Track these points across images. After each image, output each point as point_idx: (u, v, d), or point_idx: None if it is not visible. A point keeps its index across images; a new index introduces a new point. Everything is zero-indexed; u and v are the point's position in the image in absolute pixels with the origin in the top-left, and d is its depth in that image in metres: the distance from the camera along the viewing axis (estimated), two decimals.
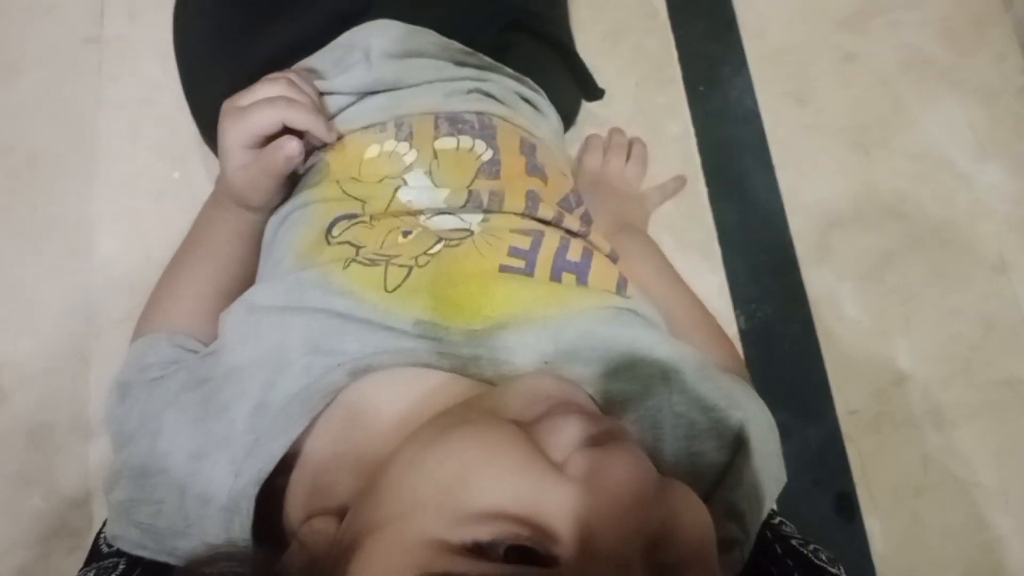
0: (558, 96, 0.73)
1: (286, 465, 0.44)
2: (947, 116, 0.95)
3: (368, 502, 0.36)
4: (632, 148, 0.88)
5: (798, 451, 0.83)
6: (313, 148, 0.59)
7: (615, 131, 0.90)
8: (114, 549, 0.50)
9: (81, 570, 0.49)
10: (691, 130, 0.94)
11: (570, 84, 0.75)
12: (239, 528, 0.42)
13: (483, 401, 0.42)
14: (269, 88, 0.55)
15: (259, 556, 0.41)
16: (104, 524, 0.52)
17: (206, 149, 0.84)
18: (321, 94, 0.61)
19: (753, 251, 0.90)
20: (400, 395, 0.44)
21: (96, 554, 0.50)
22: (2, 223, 0.82)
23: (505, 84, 0.66)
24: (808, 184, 0.92)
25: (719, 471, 0.45)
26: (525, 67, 0.68)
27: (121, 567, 0.48)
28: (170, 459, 0.44)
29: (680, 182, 0.90)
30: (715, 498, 0.44)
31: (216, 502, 0.42)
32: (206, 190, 0.79)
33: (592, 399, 0.46)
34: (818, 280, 0.89)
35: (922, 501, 0.83)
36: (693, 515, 0.34)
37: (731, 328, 0.87)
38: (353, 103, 0.61)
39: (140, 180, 0.85)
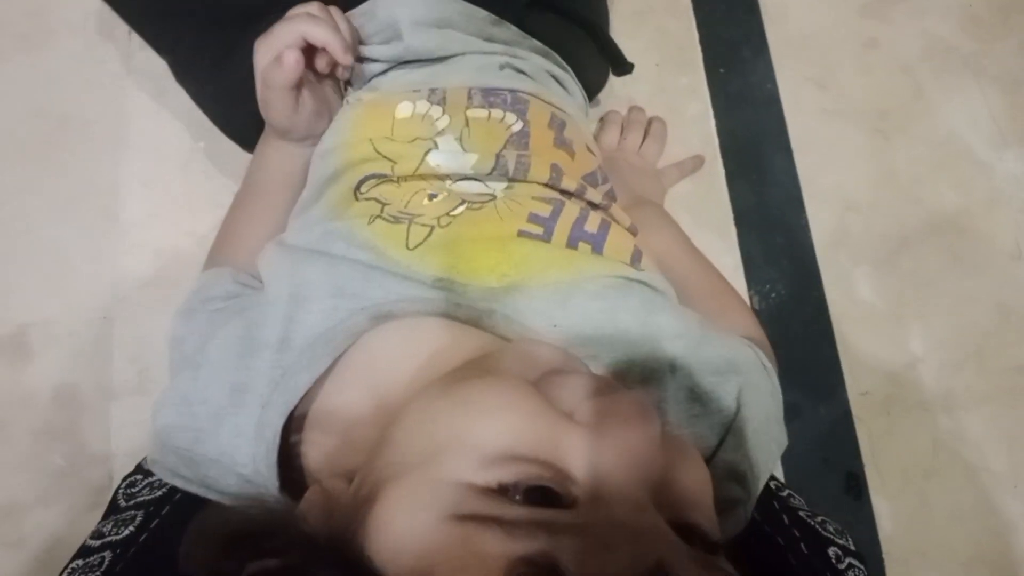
0: (583, 72, 0.73)
1: (308, 420, 0.46)
2: (968, 104, 0.96)
3: (383, 453, 0.37)
4: (651, 125, 0.89)
5: (808, 429, 0.84)
6: (347, 76, 0.62)
7: (634, 109, 0.91)
8: (131, 503, 0.52)
9: (100, 522, 0.50)
10: (710, 112, 0.94)
11: (595, 59, 0.75)
12: (265, 460, 0.43)
13: (485, 363, 0.43)
14: (297, 8, 0.57)
15: (282, 504, 0.42)
16: (122, 481, 0.53)
17: None
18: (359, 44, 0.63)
19: (769, 232, 0.90)
20: (419, 349, 0.46)
21: (115, 507, 0.51)
22: (33, 186, 0.83)
23: (534, 61, 0.67)
24: (826, 168, 0.93)
25: (720, 433, 0.47)
26: (551, 42, 0.69)
27: (139, 519, 0.49)
28: (210, 390, 0.46)
29: (698, 161, 0.91)
30: (715, 459, 0.46)
31: (246, 434, 0.44)
32: (231, 160, 0.82)
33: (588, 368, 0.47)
34: (833, 263, 0.89)
35: (931, 484, 0.83)
36: (693, 464, 0.36)
37: None
38: (384, 71, 0.63)
39: (168, 148, 0.86)
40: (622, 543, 0.29)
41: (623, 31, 0.95)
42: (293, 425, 0.45)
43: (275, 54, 0.55)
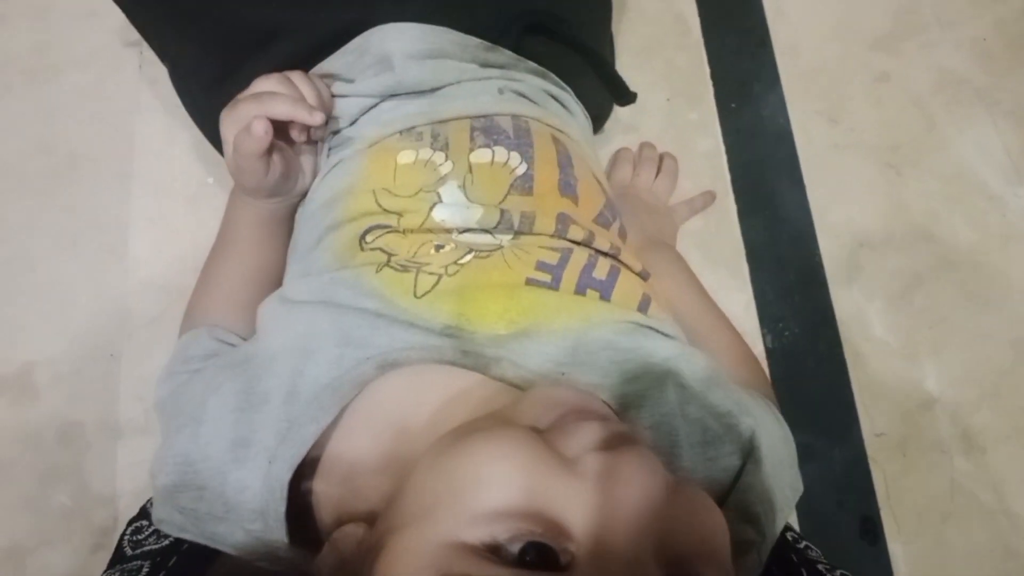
0: (586, 98, 0.73)
1: (317, 468, 0.45)
2: (981, 137, 0.95)
3: (394, 505, 0.37)
4: (663, 162, 0.89)
5: (822, 472, 0.83)
6: (322, 134, 0.64)
7: (645, 145, 0.90)
8: (138, 552, 0.51)
9: (105, 572, 0.50)
10: (722, 147, 0.93)
11: (597, 88, 0.75)
12: (273, 514, 0.43)
13: (501, 412, 0.43)
14: (260, 84, 0.59)
15: (292, 555, 0.42)
16: (127, 526, 0.53)
17: None
18: (340, 96, 0.64)
19: (781, 269, 0.89)
20: (427, 398, 0.45)
21: (120, 556, 0.51)
22: (40, 222, 0.83)
23: (532, 83, 0.67)
24: (838, 203, 0.92)
25: (734, 475, 0.46)
26: (549, 68, 0.69)
27: (145, 570, 0.49)
28: (212, 447, 0.45)
29: (709, 197, 0.90)
30: (729, 501, 0.45)
31: (252, 488, 0.44)
32: None
33: (608, 406, 0.47)
34: (847, 300, 0.88)
35: (948, 526, 0.82)
36: (706, 514, 0.35)
37: (757, 346, 0.86)
38: (374, 105, 0.63)
39: (175, 183, 0.86)
40: None
41: (632, 65, 0.94)
42: (300, 477, 0.44)
43: (240, 127, 0.56)
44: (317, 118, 0.58)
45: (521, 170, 0.58)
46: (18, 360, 0.79)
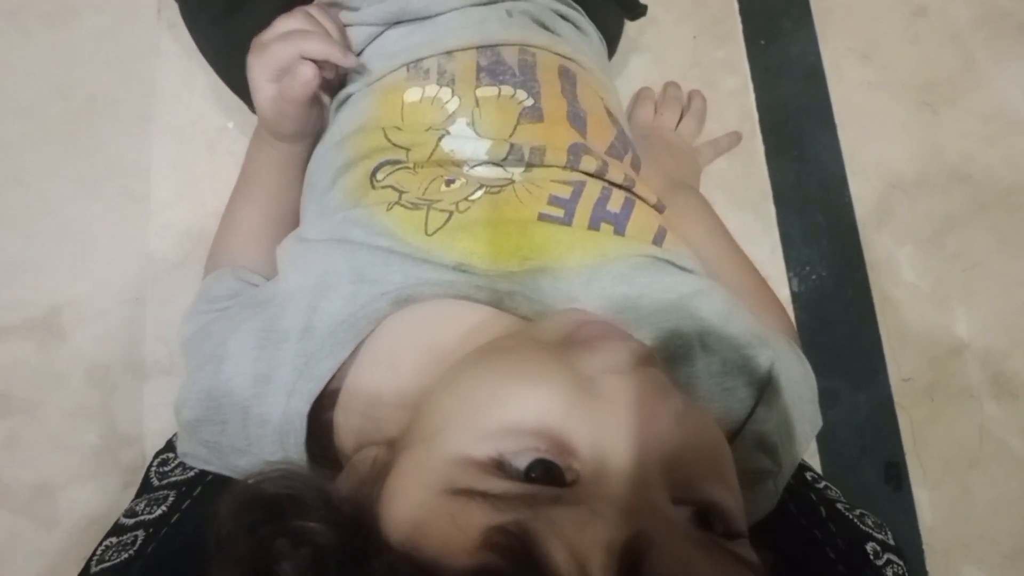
0: (597, 17, 0.71)
1: (335, 399, 0.46)
2: (1023, 74, 0.91)
3: (409, 428, 0.37)
4: (691, 101, 0.87)
5: (847, 417, 0.82)
6: (345, 73, 0.61)
7: (671, 84, 0.88)
8: (164, 483, 0.52)
9: (133, 500, 0.51)
10: (749, 86, 0.91)
11: (609, 5, 0.73)
12: (294, 446, 0.44)
13: (525, 331, 0.43)
14: (286, 23, 0.57)
15: (312, 476, 0.43)
16: (154, 458, 0.54)
17: None
18: (346, 26, 0.63)
19: (809, 212, 0.87)
20: (443, 331, 0.45)
21: (147, 486, 0.53)
22: (61, 167, 0.83)
23: (541, 2, 0.65)
24: (870, 144, 0.89)
25: (751, 406, 0.46)
26: None
27: (171, 499, 0.50)
28: (234, 383, 0.46)
29: (735, 139, 0.88)
30: (746, 431, 0.45)
31: (273, 423, 0.44)
32: None
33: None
34: (877, 243, 0.86)
35: (975, 474, 0.80)
36: (711, 436, 0.35)
37: (783, 291, 0.85)
38: (380, 34, 0.62)
39: (195, 128, 0.86)
40: (608, 516, 0.29)
41: (658, 1, 0.91)
42: (320, 410, 0.45)
43: (271, 70, 0.56)
44: (351, 60, 0.58)
45: (529, 102, 0.58)
46: (44, 304, 0.80)
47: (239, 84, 0.73)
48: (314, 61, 0.56)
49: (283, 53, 0.56)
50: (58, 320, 0.80)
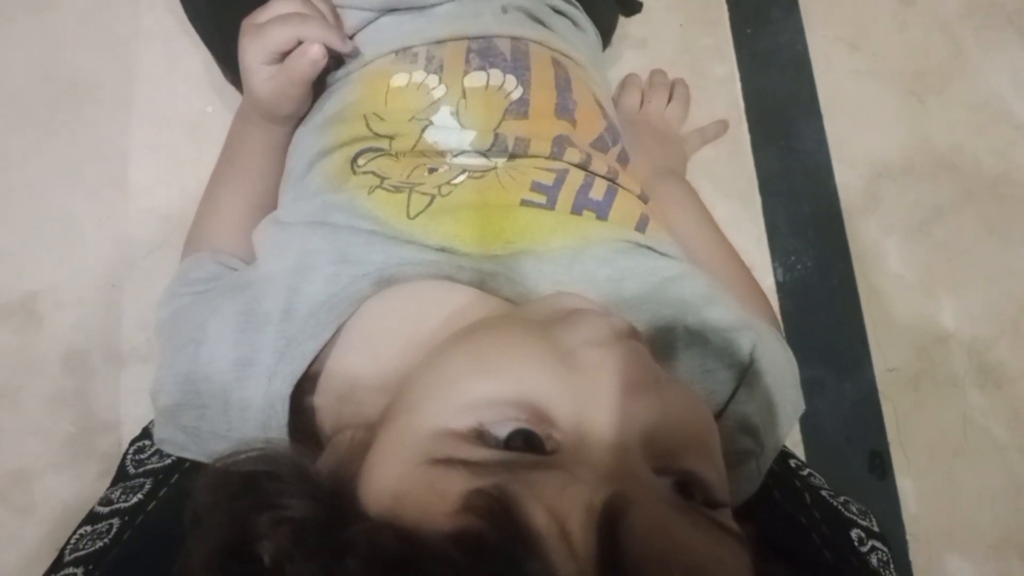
0: (593, 10, 0.71)
1: (317, 385, 0.45)
2: (1011, 64, 0.91)
3: (389, 407, 0.37)
4: (675, 89, 0.86)
5: (831, 406, 0.81)
6: (337, 56, 0.60)
7: (656, 72, 0.87)
8: (140, 470, 0.51)
9: (109, 488, 0.50)
10: (736, 74, 0.90)
11: (607, 1, 0.73)
12: (276, 430, 0.43)
13: (511, 312, 0.43)
14: (282, 5, 0.57)
15: (291, 454, 0.42)
16: (130, 446, 0.54)
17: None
18: (338, 7, 0.62)
19: (795, 201, 0.87)
20: (425, 312, 0.45)
21: (123, 475, 0.52)
22: (42, 151, 0.82)
23: None
24: (857, 133, 0.89)
25: (732, 387, 0.46)
26: None
27: (147, 486, 0.49)
28: (213, 367, 0.45)
29: (722, 127, 0.87)
30: (728, 411, 0.45)
31: (254, 406, 0.44)
32: None
33: None
34: (863, 233, 0.86)
35: (959, 463, 0.80)
36: (693, 409, 0.35)
37: (768, 280, 0.85)
38: (373, 20, 0.62)
39: (176, 112, 0.85)
40: (588, 480, 0.29)
41: None
42: (302, 393, 0.45)
43: (268, 52, 0.56)
44: (348, 45, 0.58)
45: (516, 95, 0.57)
46: (21, 289, 0.79)
47: (229, 60, 0.73)
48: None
49: (281, 36, 0.55)
50: (35, 305, 0.79)
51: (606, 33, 0.79)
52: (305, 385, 0.44)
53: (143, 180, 0.83)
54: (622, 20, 0.84)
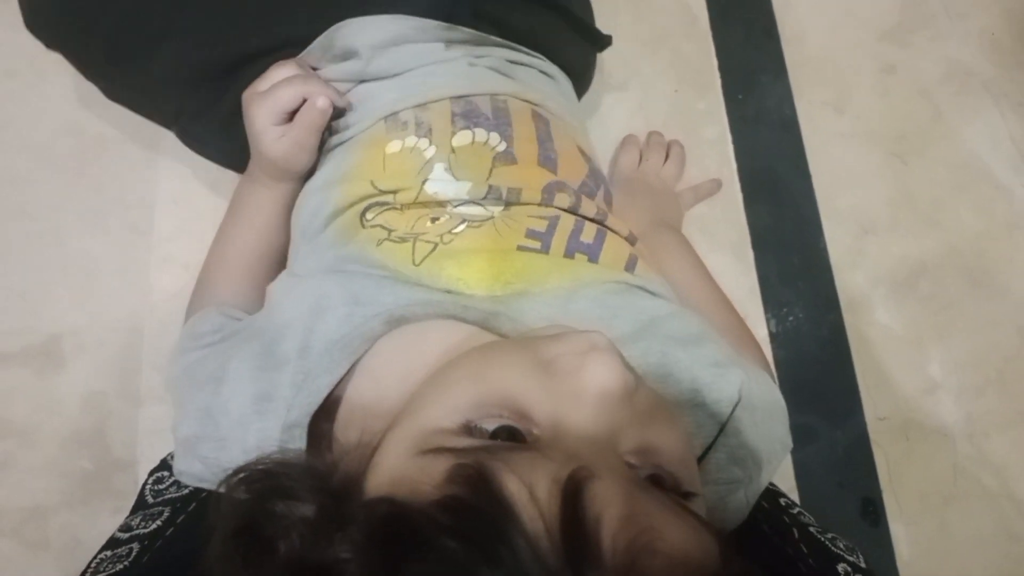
0: (561, 54, 0.74)
1: (330, 414, 0.48)
2: (988, 128, 0.96)
3: (394, 419, 0.40)
4: (671, 149, 0.90)
5: (824, 454, 0.83)
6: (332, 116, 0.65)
7: (654, 133, 0.92)
8: (159, 499, 0.53)
9: (128, 516, 0.52)
10: (728, 135, 0.95)
11: (571, 39, 0.76)
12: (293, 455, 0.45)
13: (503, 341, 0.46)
14: (280, 71, 0.63)
15: (306, 460, 0.45)
16: (149, 476, 0.56)
17: None
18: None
19: (786, 255, 0.91)
20: (431, 348, 0.48)
21: (142, 503, 0.54)
22: (67, 200, 0.87)
23: (498, 54, 0.68)
24: (843, 191, 0.93)
25: (722, 420, 0.48)
26: (519, 32, 0.70)
27: (166, 514, 0.51)
28: (234, 401, 0.48)
29: (715, 185, 0.92)
30: (718, 443, 0.47)
31: (273, 437, 0.46)
32: None
33: None
34: (851, 285, 0.89)
35: (950, 510, 0.82)
36: (660, 407, 0.39)
37: (761, 330, 0.88)
38: (350, 89, 0.67)
39: (198, 168, 0.89)
40: (557, 459, 0.32)
41: (640, 54, 0.96)
42: (316, 426, 0.47)
43: (276, 113, 0.62)
44: (344, 100, 0.64)
45: (501, 148, 0.61)
46: (45, 331, 0.82)
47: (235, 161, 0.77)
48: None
49: (287, 96, 0.61)
50: (58, 347, 0.82)
51: (583, 73, 0.82)
52: (320, 416, 0.47)
53: (165, 229, 0.87)
54: (619, 83, 0.89)
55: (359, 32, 0.64)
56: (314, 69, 0.67)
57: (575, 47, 0.78)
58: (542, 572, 0.27)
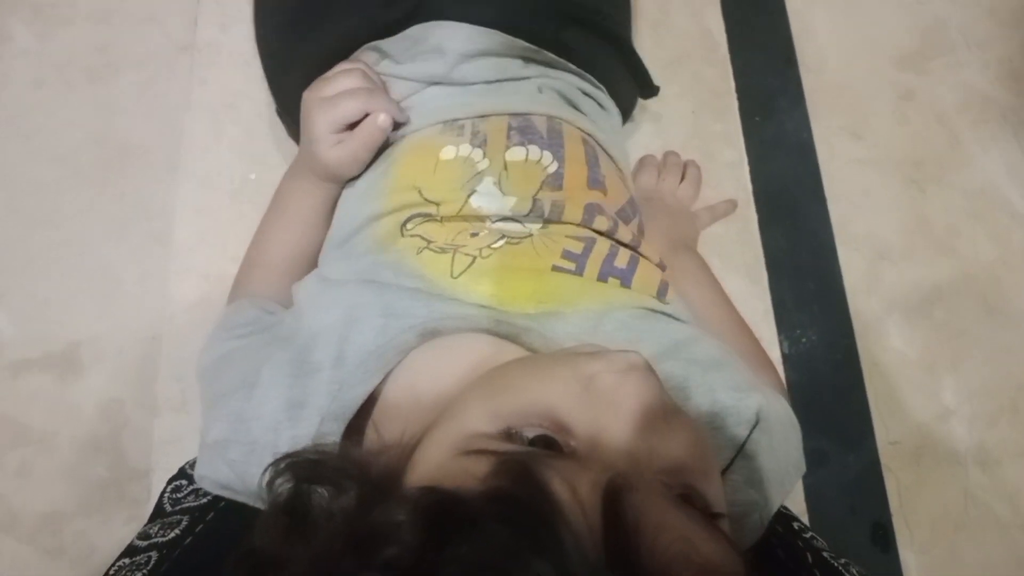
0: (616, 91, 0.77)
1: (366, 426, 0.48)
2: (1005, 156, 0.96)
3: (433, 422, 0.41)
4: (687, 169, 0.91)
5: (835, 477, 0.83)
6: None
7: (670, 153, 0.93)
8: (178, 508, 0.54)
9: (146, 524, 0.53)
10: (745, 158, 0.96)
11: (627, 80, 0.79)
12: None
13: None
14: (347, 80, 0.63)
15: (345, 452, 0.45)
16: (167, 485, 0.56)
17: (282, 152, 0.90)
18: (385, 76, 0.69)
19: (801, 278, 0.91)
20: (463, 361, 0.48)
21: (160, 511, 0.54)
22: (91, 209, 0.88)
23: (569, 80, 0.71)
24: (859, 216, 0.93)
25: (739, 444, 0.49)
26: (584, 62, 0.73)
27: (184, 523, 0.52)
28: (266, 407, 0.49)
29: (731, 205, 0.92)
30: (735, 465, 0.48)
31: (305, 443, 0.47)
32: None
33: None
34: (865, 310, 0.90)
35: (961, 538, 0.82)
36: (697, 438, 0.39)
37: (775, 352, 0.88)
38: (419, 90, 0.67)
39: (220, 178, 0.90)
40: (596, 469, 0.32)
41: (660, 77, 0.96)
42: (351, 432, 0.48)
43: (338, 123, 0.63)
44: (405, 115, 0.65)
45: (552, 168, 0.62)
46: (65, 339, 0.83)
47: (286, 101, 0.79)
48: None
49: (351, 109, 0.62)
50: (78, 355, 0.83)
51: (626, 111, 0.85)
52: (355, 425, 0.48)
53: (186, 240, 0.88)
54: (639, 104, 0.89)
55: (453, 35, 0.66)
56: (398, 63, 0.68)
57: (625, 86, 0.81)
58: (584, 565, 0.27)
